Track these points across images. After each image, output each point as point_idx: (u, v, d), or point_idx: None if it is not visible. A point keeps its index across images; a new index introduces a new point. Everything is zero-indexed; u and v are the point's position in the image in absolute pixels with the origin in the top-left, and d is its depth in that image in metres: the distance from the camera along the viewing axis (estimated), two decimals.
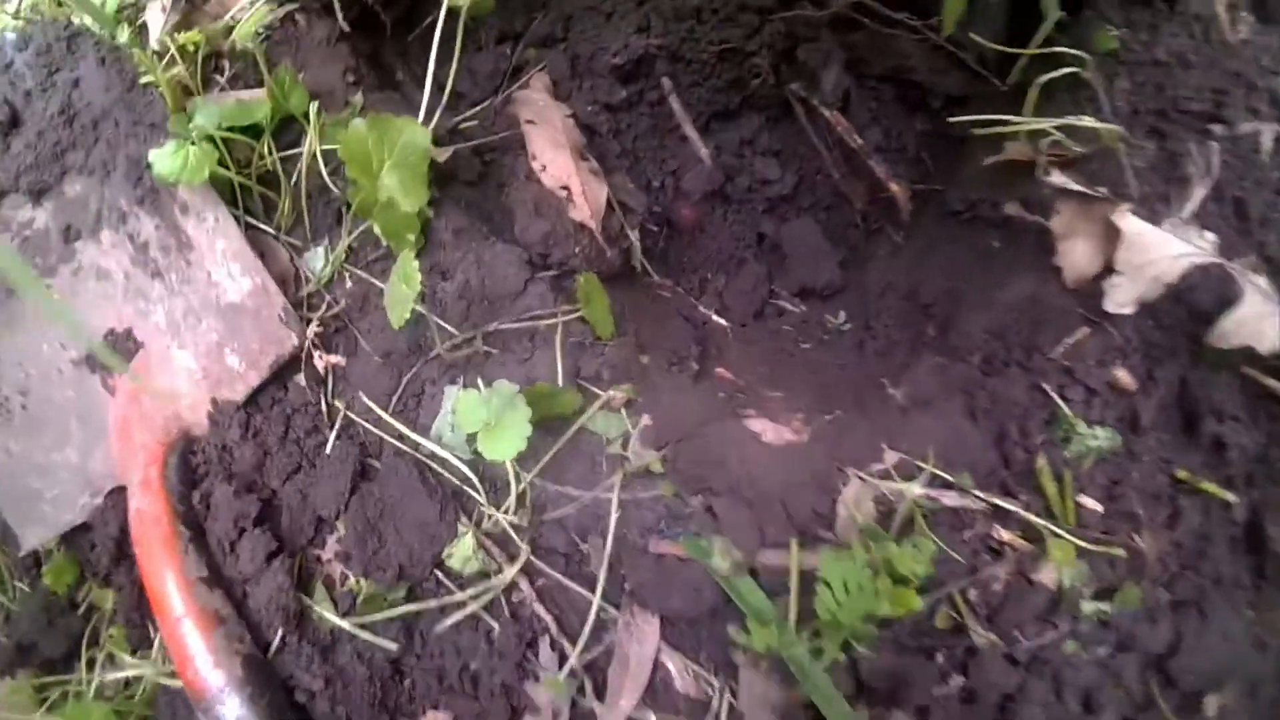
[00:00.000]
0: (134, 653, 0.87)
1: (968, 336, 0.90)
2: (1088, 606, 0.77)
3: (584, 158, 0.87)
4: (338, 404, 0.83)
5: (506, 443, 0.71)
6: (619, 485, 0.78)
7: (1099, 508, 0.80)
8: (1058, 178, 0.83)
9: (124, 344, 0.90)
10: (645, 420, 0.79)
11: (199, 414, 0.87)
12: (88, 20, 0.92)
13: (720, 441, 0.80)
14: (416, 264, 0.69)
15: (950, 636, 0.79)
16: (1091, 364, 0.83)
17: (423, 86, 0.89)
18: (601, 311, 0.80)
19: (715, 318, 1.00)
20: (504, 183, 0.86)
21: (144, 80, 0.88)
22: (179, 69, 0.89)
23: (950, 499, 0.81)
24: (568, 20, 0.97)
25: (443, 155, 0.83)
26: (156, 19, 0.91)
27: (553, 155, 0.85)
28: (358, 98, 0.91)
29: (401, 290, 0.69)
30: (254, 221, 0.88)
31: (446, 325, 0.81)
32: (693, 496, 0.77)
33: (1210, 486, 0.79)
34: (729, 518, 0.76)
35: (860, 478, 0.81)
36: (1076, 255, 0.84)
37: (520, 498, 0.79)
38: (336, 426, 0.83)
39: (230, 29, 0.94)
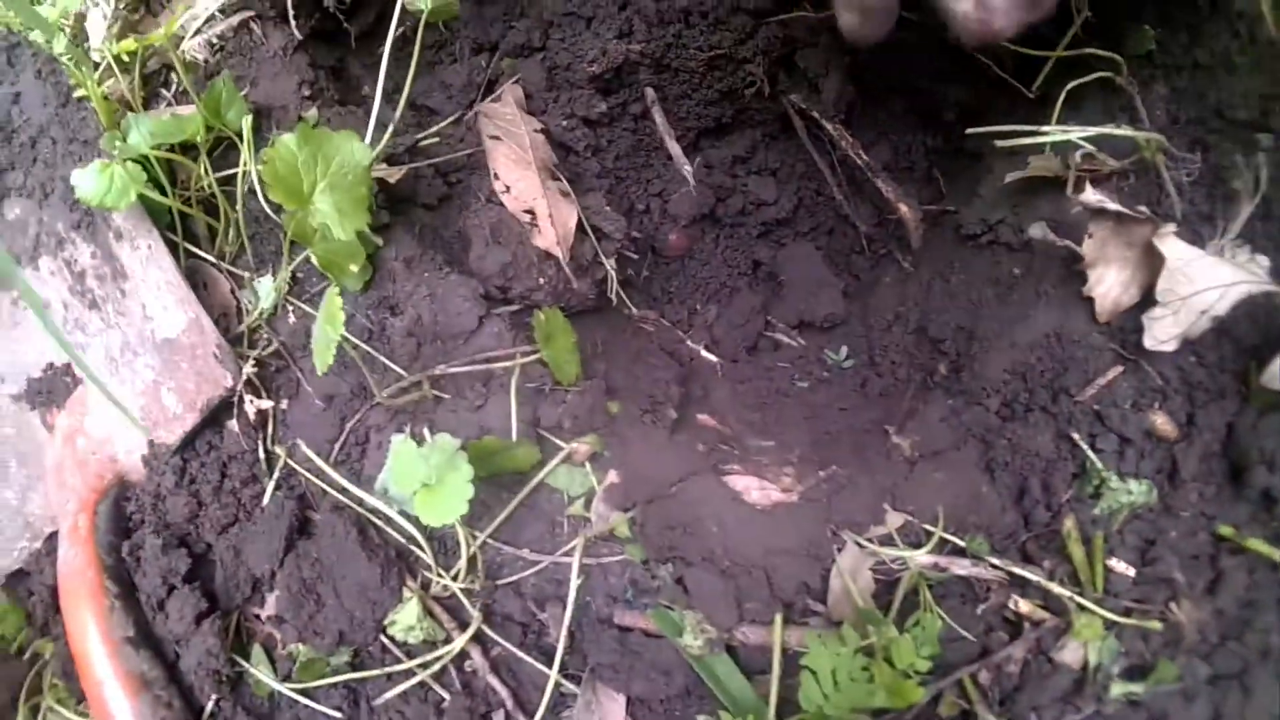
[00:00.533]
0: (78, 704, 0.81)
1: (985, 377, 0.80)
2: (1117, 689, 0.68)
3: (554, 177, 0.78)
4: (277, 451, 0.76)
5: (445, 506, 0.62)
6: (581, 549, 0.69)
7: (1130, 572, 0.71)
8: (1090, 195, 0.72)
9: (62, 380, 0.84)
10: (611, 477, 0.70)
11: (134, 457, 0.80)
12: (33, 31, 0.85)
13: (696, 502, 0.71)
14: (340, 302, 0.61)
15: None
16: (1126, 408, 0.73)
17: (391, 102, 0.82)
18: (564, 352, 0.71)
19: (704, 353, 0.91)
20: (466, 206, 0.78)
21: (78, 94, 0.81)
22: (120, 82, 0.82)
23: (962, 567, 0.71)
24: (547, 28, 0.89)
25: (394, 175, 0.75)
26: (97, 27, 0.84)
27: (517, 175, 0.76)
28: (311, 113, 0.83)
29: (326, 332, 0.61)
30: (195, 250, 0.81)
31: (394, 366, 0.73)
32: (662, 565, 0.68)
33: (1258, 545, 0.69)
34: (702, 589, 0.67)
35: (858, 543, 0.71)
36: (1110, 284, 0.74)
37: (471, 561, 0.71)
38: (275, 476, 0.75)
39: (181, 40, 0.87)
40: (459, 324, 0.72)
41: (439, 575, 0.71)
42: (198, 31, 0.86)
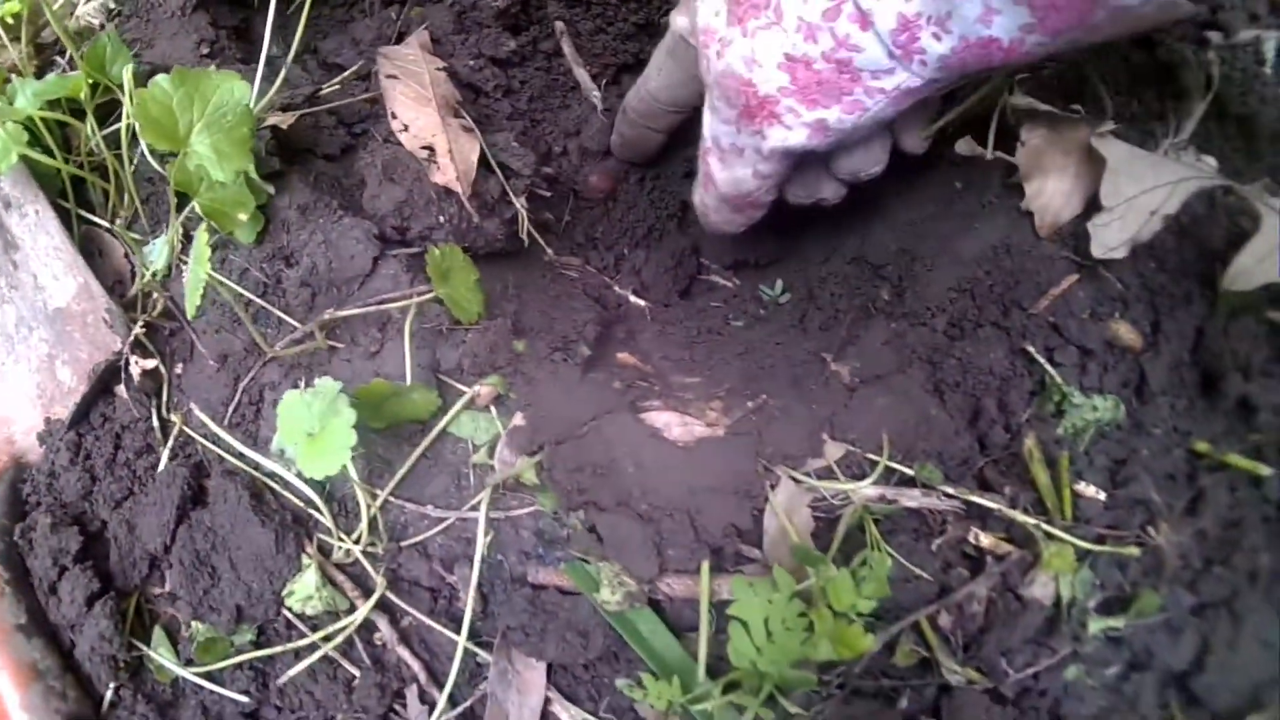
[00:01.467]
0: None
1: (929, 297, 0.74)
2: (1094, 624, 0.62)
3: (456, 114, 0.73)
4: (172, 418, 0.71)
5: (328, 456, 0.57)
6: (487, 502, 0.63)
7: (1101, 496, 0.64)
8: (1018, 98, 0.66)
9: None
10: (516, 420, 0.64)
11: (32, 437, 0.75)
12: None
13: (610, 442, 0.64)
14: (208, 238, 0.56)
15: (917, 675, 0.63)
16: (1084, 318, 0.67)
17: (297, 59, 0.78)
18: (463, 289, 0.66)
19: (633, 298, 0.85)
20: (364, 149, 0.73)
21: None
22: (9, 50, 0.79)
23: (912, 498, 0.64)
24: None
25: (287, 121, 0.71)
26: None
27: (415, 113, 0.71)
28: (210, 69, 0.79)
29: (195, 273, 0.56)
30: (89, 216, 0.77)
31: (288, 319, 0.68)
32: (572, 512, 0.62)
33: (1237, 459, 0.63)
34: (618, 536, 0.61)
35: (793, 478, 0.64)
36: (1050, 195, 0.67)
37: (373, 522, 0.65)
38: (170, 445, 0.70)
39: (75, 5, 0.84)
40: (352, 267, 0.67)
41: (339, 540, 0.65)
42: None
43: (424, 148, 0.70)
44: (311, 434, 0.59)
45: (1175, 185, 0.65)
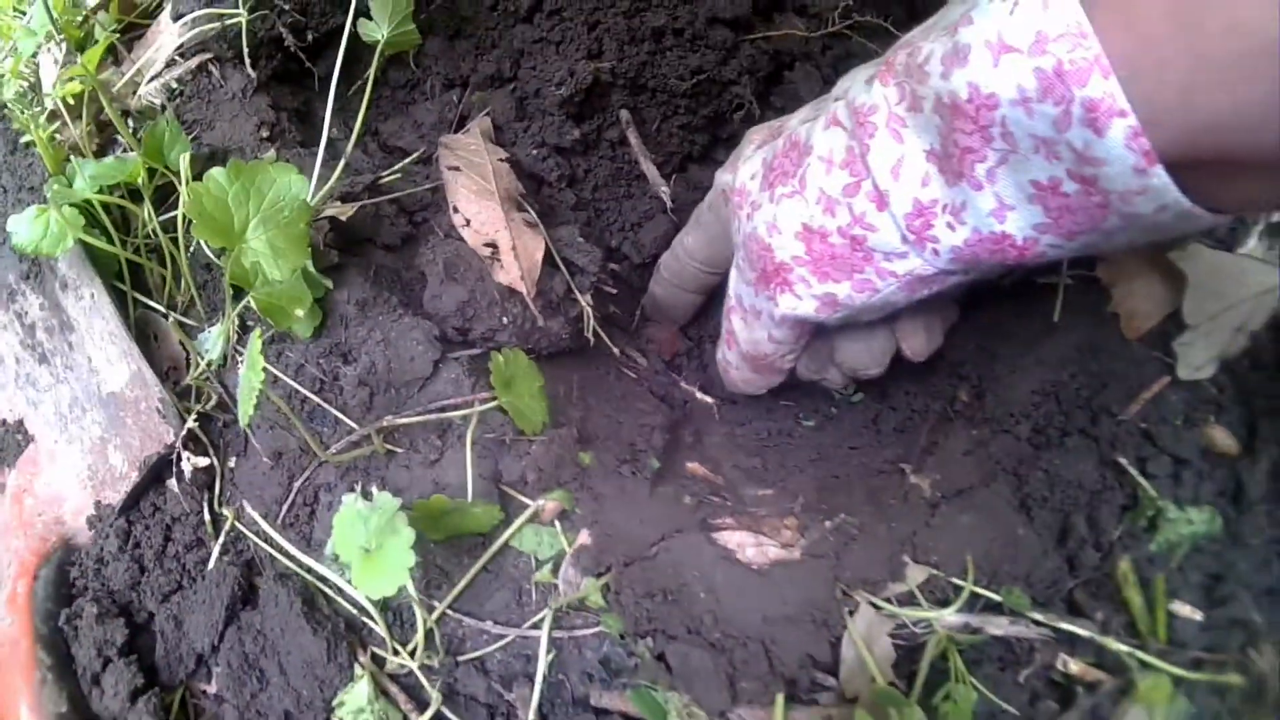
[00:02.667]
0: None
1: (1012, 401, 0.71)
2: None
3: (520, 208, 0.72)
4: (224, 513, 0.69)
5: (384, 576, 0.55)
6: (550, 622, 0.61)
7: (1197, 616, 0.61)
8: None
9: (14, 437, 0.79)
10: (582, 538, 0.62)
11: (81, 520, 0.74)
12: None
13: (681, 564, 0.62)
14: (260, 345, 0.54)
15: None
16: (1177, 424, 0.64)
17: (356, 142, 0.77)
18: (527, 398, 0.64)
19: (699, 395, 0.83)
20: (424, 243, 0.72)
21: (24, 140, 0.77)
22: (70, 129, 0.79)
23: (998, 626, 0.62)
24: (517, 57, 0.84)
25: (346, 212, 0.69)
26: (49, 73, 0.81)
27: (478, 207, 0.70)
28: (269, 154, 0.78)
29: (248, 379, 0.54)
30: (145, 300, 0.76)
31: (345, 419, 0.66)
32: (641, 639, 0.59)
33: None
34: (688, 666, 0.58)
35: (873, 604, 0.62)
36: (1137, 299, 0.65)
37: (429, 634, 0.63)
38: (221, 540, 0.68)
39: (138, 85, 0.83)
40: (413, 370, 0.65)
41: (394, 651, 0.63)
42: (155, 76, 0.83)
43: (487, 245, 0.69)
44: (368, 550, 0.57)
45: (1259, 298, 0.63)
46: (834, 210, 0.59)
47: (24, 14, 1.03)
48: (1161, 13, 0.41)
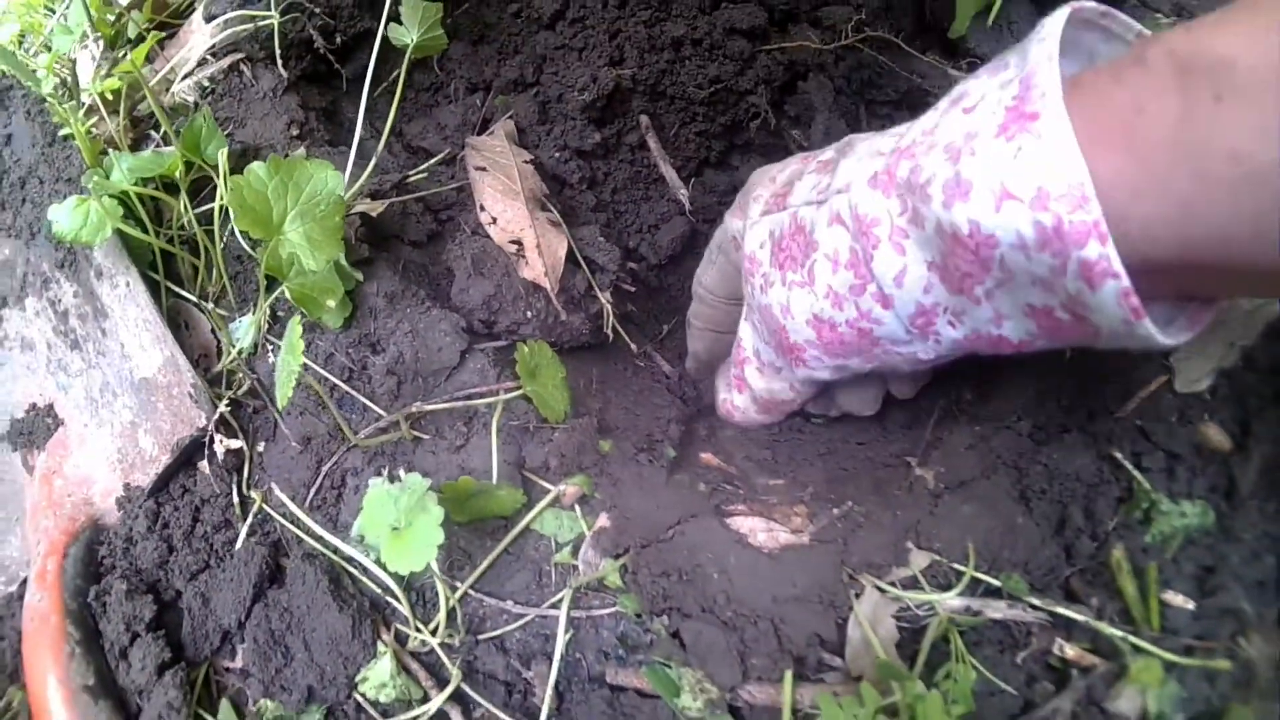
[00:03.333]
0: None
1: (1013, 399, 0.74)
2: None
3: (544, 207, 0.75)
4: (253, 495, 0.72)
5: (414, 552, 0.58)
6: (569, 601, 0.63)
7: (1190, 605, 0.63)
8: None
9: (44, 420, 0.81)
10: (601, 521, 0.65)
11: (109, 500, 0.77)
12: None
13: (695, 546, 0.65)
14: (301, 330, 0.57)
15: None
16: (1172, 421, 0.67)
17: (380, 144, 0.80)
18: (550, 388, 0.67)
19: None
20: (452, 240, 0.75)
21: (63, 133, 0.80)
22: (107, 123, 0.81)
23: (997, 610, 0.64)
24: (540, 62, 0.87)
25: (377, 209, 0.72)
26: (85, 69, 0.84)
27: (504, 206, 0.73)
28: (299, 152, 0.81)
29: (287, 362, 0.57)
30: (178, 289, 0.79)
31: (373, 406, 0.69)
32: (656, 617, 0.62)
33: None
34: (701, 643, 0.61)
35: (878, 588, 0.65)
36: None
37: (451, 613, 0.65)
38: (249, 522, 0.71)
39: (171, 82, 0.86)
40: (440, 360, 0.68)
41: (416, 629, 0.65)
42: (188, 74, 0.86)
43: (513, 242, 0.71)
44: (397, 529, 0.60)
45: (1251, 314, 0.66)
46: (841, 305, 0.62)
47: (53, 11, 1.06)
48: (1163, 141, 0.43)
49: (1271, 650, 0.61)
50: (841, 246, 0.61)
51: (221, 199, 0.71)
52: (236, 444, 0.70)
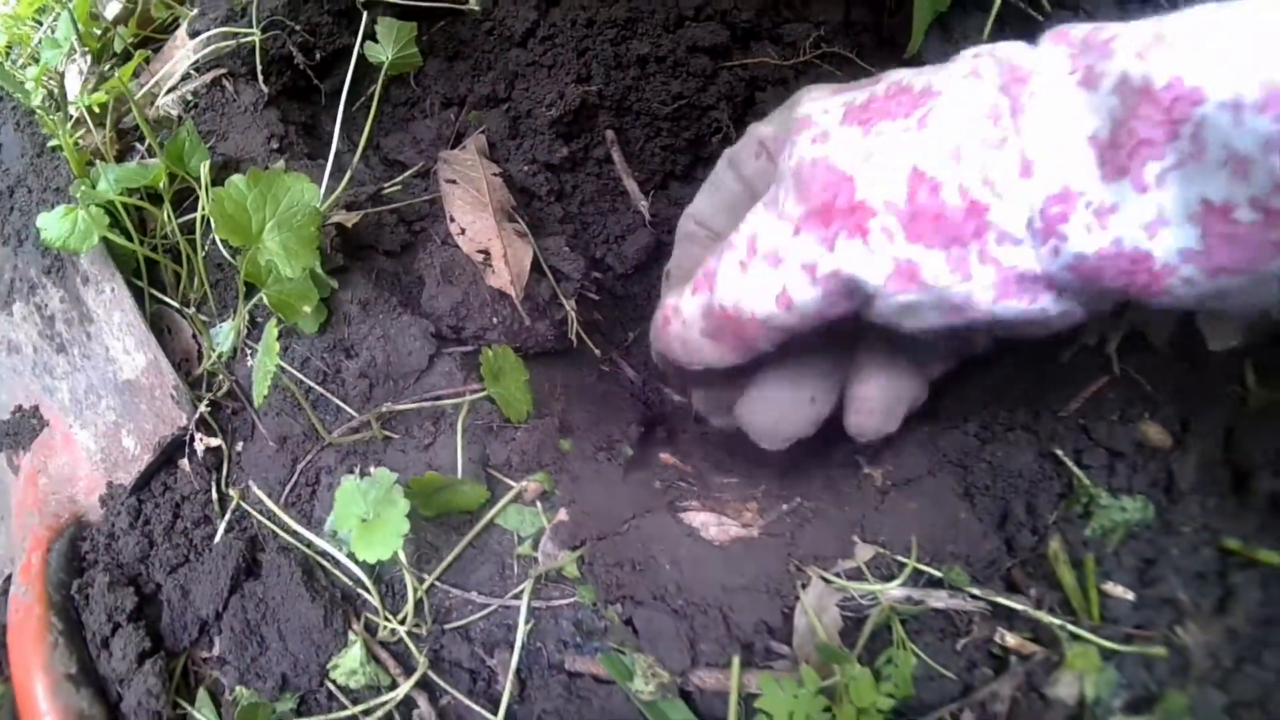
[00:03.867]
0: None
1: (962, 400, 0.78)
2: None
3: (511, 219, 0.79)
4: (231, 492, 0.75)
5: (381, 541, 0.61)
6: (529, 591, 0.67)
7: (1129, 596, 0.65)
8: None
9: (30, 421, 0.85)
10: (560, 515, 0.68)
11: (93, 498, 0.80)
12: None
13: (649, 539, 0.68)
14: (277, 333, 0.61)
15: None
16: (1114, 420, 0.70)
17: (362, 156, 0.83)
18: (514, 389, 0.70)
19: (677, 396, 0.89)
20: (423, 249, 0.78)
21: (52, 144, 0.83)
22: (93, 135, 0.85)
23: (939, 599, 0.67)
24: (512, 79, 0.91)
25: (351, 220, 0.76)
26: (73, 82, 0.87)
27: (472, 217, 0.77)
28: (278, 165, 0.85)
29: (264, 363, 0.61)
30: (160, 296, 0.82)
31: (346, 407, 0.73)
32: (610, 605, 0.66)
33: (1269, 556, 0.63)
34: (653, 629, 0.65)
35: (824, 578, 0.68)
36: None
37: (418, 604, 0.69)
38: (227, 518, 0.74)
39: (155, 96, 0.90)
40: (410, 363, 0.72)
41: (385, 619, 0.69)
42: (172, 89, 0.89)
43: (480, 251, 0.75)
44: (366, 520, 0.63)
45: None
46: (961, 161, 0.49)
47: (40, 24, 1.09)
48: None
49: (1208, 638, 0.63)
50: (981, 98, 0.49)
51: (203, 209, 0.75)
52: (216, 442, 0.74)
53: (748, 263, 0.58)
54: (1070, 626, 0.64)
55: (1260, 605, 0.63)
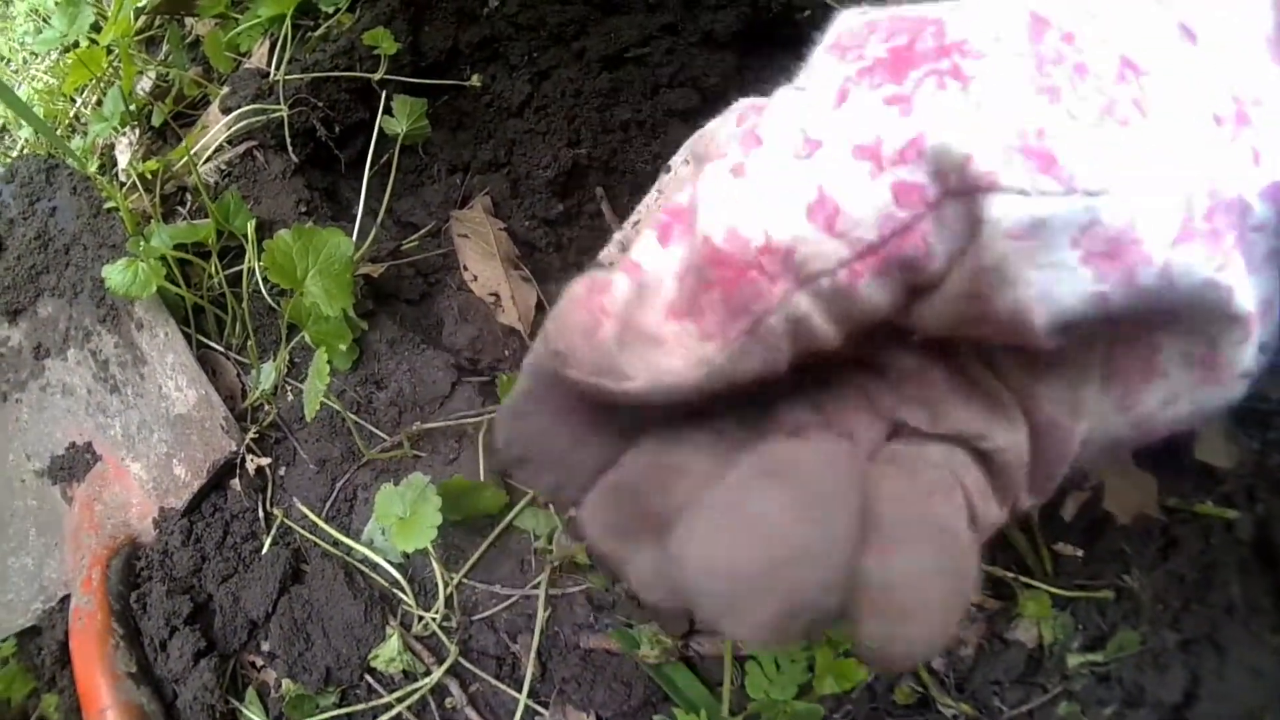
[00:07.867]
0: None
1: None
2: (1074, 659, 0.71)
3: (516, 267, 0.91)
4: (275, 511, 0.85)
5: (417, 533, 0.72)
6: (546, 581, 0.78)
7: (1079, 553, 0.73)
8: None
9: (84, 456, 0.94)
10: (571, 513, 0.80)
11: (146, 522, 0.89)
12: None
13: None
14: (327, 358, 0.72)
15: (918, 713, 0.74)
16: None
17: (376, 217, 0.96)
18: None
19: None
20: (440, 295, 0.90)
21: (108, 206, 0.94)
22: (142, 198, 0.96)
23: None
24: (510, 146, 1.04)
25: (377, 271, 0.88)
26: (124, 152, 0.99)
27: (483, 266, 0.89)
28: (308, 225, 0.97)
29: (314, 385, 0.72)
30: (206, 340, 0.93)
31: (378, 432, 0.84)
32: (617, 583, 0.77)
33: (1206, 508, 0.71)
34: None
35: None
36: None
37: (449, 599, 0.79)
38: (273, 532, 0.84)
39: (197, 162, 1.02)
40: (434, 391, 0.83)
41: (419, 614, 0.79)
42: (208, 159, 1.01)
43: (491, 294, 0.87)
44: (403, 518, 0.74)
45: None
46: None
47: (74, 100, 1.21)
48: None
49: (1155, 583, 0.70)
50: None
51: (248, 263, 0.86)
52: (266, 461, 0.84)
53: (748, 163, 0.30)
54: (1024, 579, 0.72)
55: (1202, 552, 0.71)
